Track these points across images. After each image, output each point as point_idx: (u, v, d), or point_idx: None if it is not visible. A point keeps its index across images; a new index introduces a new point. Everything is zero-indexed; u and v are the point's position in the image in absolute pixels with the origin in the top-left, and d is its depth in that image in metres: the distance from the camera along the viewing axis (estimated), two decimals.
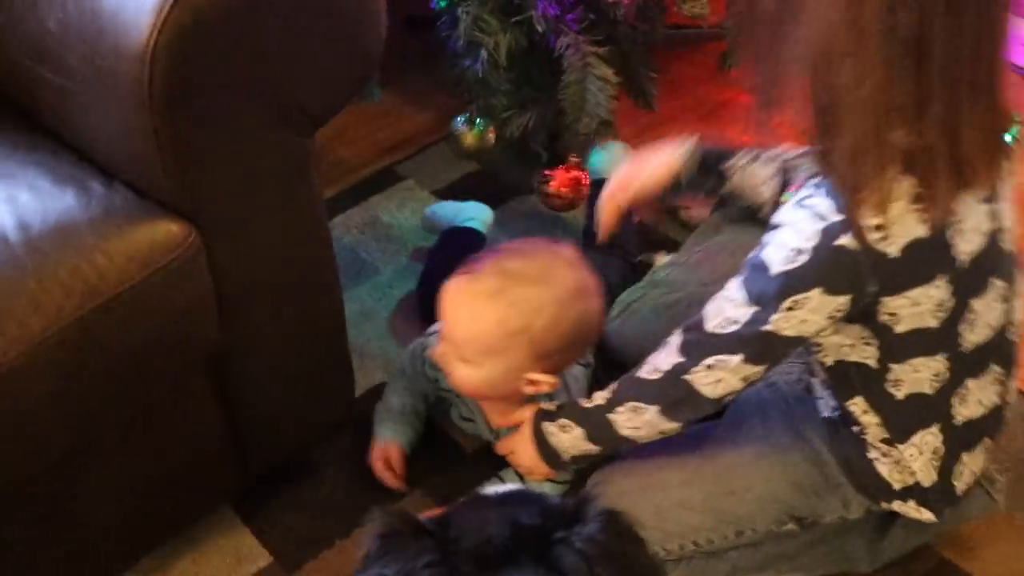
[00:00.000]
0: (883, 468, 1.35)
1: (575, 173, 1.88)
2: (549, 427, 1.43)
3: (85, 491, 1.30)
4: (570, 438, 1.40)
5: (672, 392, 1.30)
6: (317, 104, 1.27)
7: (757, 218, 1.47)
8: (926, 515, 1.37)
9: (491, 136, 1.91)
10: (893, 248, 1.15)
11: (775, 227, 1.21)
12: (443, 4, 1.70)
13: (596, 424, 1.38)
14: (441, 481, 1.62)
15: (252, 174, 1.27)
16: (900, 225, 1.14)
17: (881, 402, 1.30)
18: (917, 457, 1.33)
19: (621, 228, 1.65)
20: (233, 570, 1.53)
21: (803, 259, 1.17)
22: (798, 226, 1.17)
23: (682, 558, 1.42)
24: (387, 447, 1.61)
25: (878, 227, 1.13)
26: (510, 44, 1.63)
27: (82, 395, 1.18)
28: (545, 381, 1.44)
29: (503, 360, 1.42)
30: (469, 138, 1.97)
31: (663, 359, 1.32)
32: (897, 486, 1.35)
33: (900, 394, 1.29)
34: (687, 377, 1.28)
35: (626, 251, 1.77)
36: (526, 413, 1.46)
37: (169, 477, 1.40)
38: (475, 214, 1.88)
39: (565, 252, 1.47)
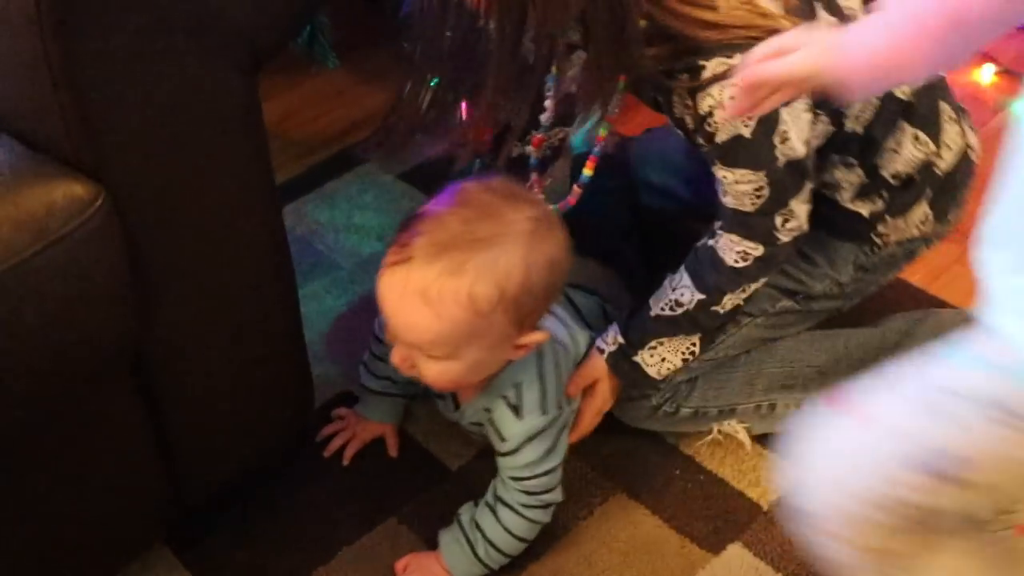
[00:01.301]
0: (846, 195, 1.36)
1: None
2: (643, 356, 1.33)
3: None
4: (666, 352, 1.34)
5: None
6: (261, 29, 1.02)
7: None
8: (916, 215, 1.36)
9: None
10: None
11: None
12: None
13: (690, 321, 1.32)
14: (421, 506, 1.36)
15: (178, 121, 1.00)
16: None
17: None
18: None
19: None
20: None
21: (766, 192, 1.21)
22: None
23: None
24: (378, 428, 1.43)
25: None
26: None
27: None
28: (535, 339, 1.19)
29: (482, 342, 1.16)
30: None
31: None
32: (866, 212, 1.35)
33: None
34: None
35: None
36: (597, 369, 1.34)
37: (88, 509, 1.14)
38: None
39: (498, 187, 1.19)
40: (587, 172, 1.35)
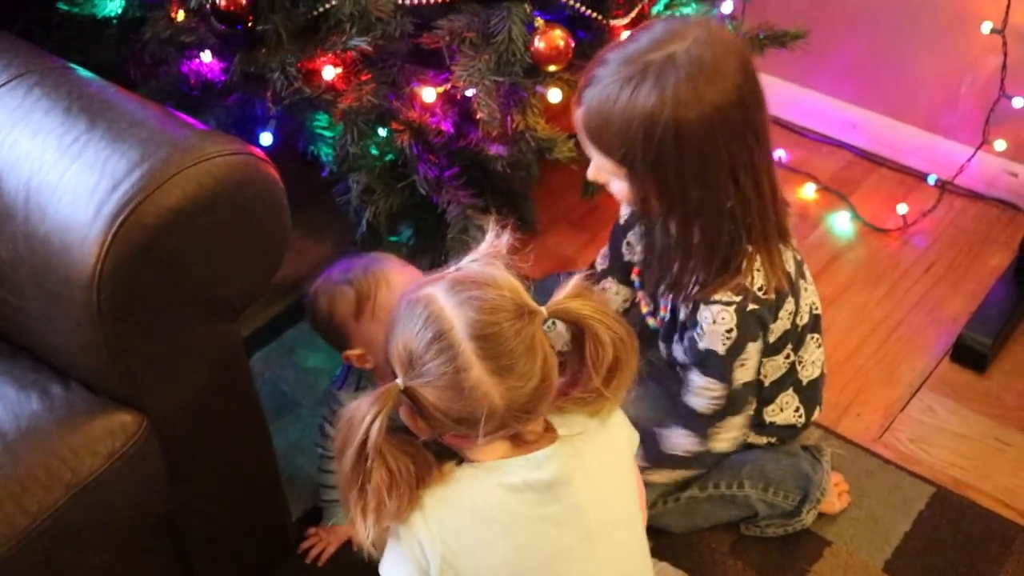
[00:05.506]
0: None
1: None
2: None
3: None
4: None
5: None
6: (238, 297, 1.49)
7: None
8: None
9: None
10: (772, 295, 1.63)
11: (695, 329, 1.65)
12: (334, 169, 1.91)
13: None
14: None
15: (189, 362, 1.48)
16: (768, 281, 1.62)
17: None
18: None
19: None
20: None
21: (735, 334, 1.62)
22: (718, 319, 1.61)
23: None
24: (343, 531, 1.87)
25: (762, 288, 1.60)
26: (399, 205, 1.85)
27: (62, 572, 1.37)
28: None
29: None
30: None
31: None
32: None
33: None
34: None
35: None
36: None
37: None
38: None
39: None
40: None
